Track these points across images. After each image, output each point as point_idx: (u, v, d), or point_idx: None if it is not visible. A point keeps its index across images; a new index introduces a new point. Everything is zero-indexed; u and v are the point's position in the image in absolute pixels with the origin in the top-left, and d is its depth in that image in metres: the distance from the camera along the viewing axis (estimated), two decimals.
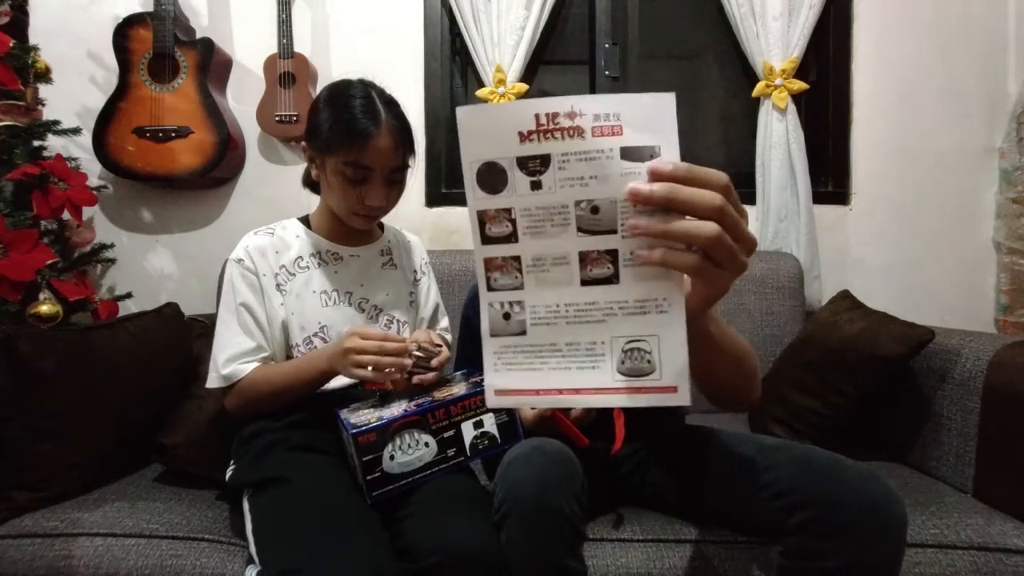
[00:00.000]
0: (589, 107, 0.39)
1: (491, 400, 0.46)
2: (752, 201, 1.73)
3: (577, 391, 0.44)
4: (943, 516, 0.93)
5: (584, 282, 0.43)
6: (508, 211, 0.42)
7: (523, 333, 0.44)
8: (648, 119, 0.39)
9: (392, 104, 0.98)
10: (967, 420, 1.07)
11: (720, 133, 1.93)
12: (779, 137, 1.67)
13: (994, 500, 1.00)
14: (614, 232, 0.42)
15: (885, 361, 1.13)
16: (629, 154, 0.40)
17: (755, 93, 1.70)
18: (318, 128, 0.96)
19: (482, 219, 0.43)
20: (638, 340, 0.42)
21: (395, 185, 1.00)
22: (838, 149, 1.77)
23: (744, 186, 1.75)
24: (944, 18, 1.73)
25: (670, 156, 0.40)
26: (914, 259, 1.76)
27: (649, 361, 0.42)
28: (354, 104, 0.94)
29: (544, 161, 0.41)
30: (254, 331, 0.98)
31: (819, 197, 1.71)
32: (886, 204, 1.76)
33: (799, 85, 1.67)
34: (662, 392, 0.42)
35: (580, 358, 0.43)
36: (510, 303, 0.44)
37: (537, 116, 0.40)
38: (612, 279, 0.42)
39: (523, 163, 0.41)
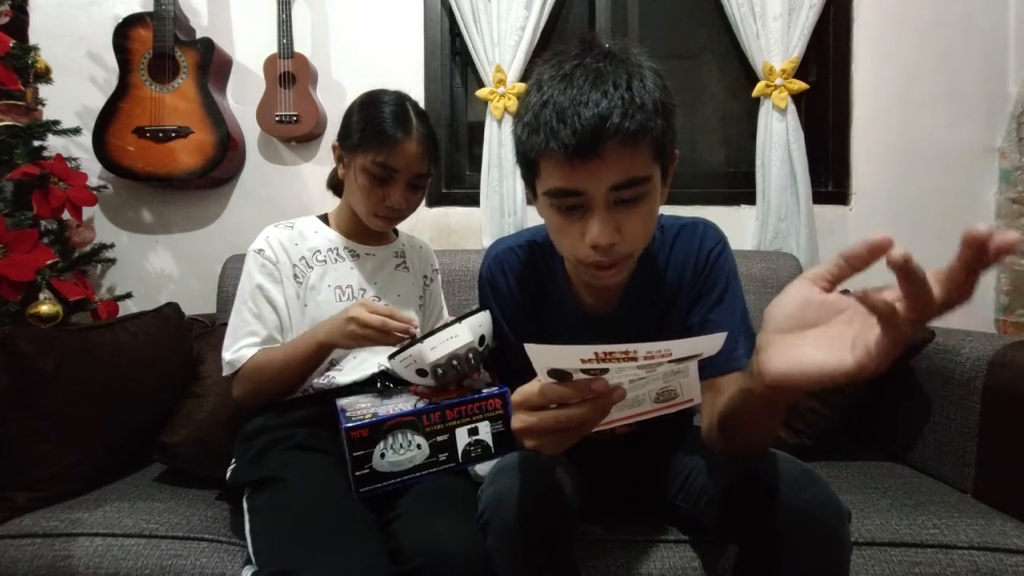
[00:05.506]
0: (642, 349, 0.50)
1: None
2: (752, 201, 1.73)
3: (632, 416, 0.62)
4: (943, 516, 0.93)
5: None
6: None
7: None
8: (696, 347, 0.53)
9: (423, 116, 1.05)
10: (967, 420, 1.07)
11: (720, 133, 1.92)
12: (779, 137, 1.67)
13: (994, 500, 1.00)
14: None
15: None
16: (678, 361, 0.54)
17: (755, 93, 1.69)
18: (350, 129, 1.02)
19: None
20: (668, 389, 0.61)
21: (417, 190, 1.05)
22: (838, 149, 1.77)
23: (744, 186, 1.75)
24: (944, 18, 1.73)
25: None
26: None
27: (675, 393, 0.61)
28: (386, 110, 1.00)
29: (602, 372, 0.52)
30: (267, 316, 1.00)
31: (819, 197, 1.71)
32: (886, 204, 1.76)
33: (799, 85, 1.67)
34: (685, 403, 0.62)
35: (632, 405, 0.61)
36: None
37: (596, 353, 0.50)
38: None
39: (585, 371, 0.52)
